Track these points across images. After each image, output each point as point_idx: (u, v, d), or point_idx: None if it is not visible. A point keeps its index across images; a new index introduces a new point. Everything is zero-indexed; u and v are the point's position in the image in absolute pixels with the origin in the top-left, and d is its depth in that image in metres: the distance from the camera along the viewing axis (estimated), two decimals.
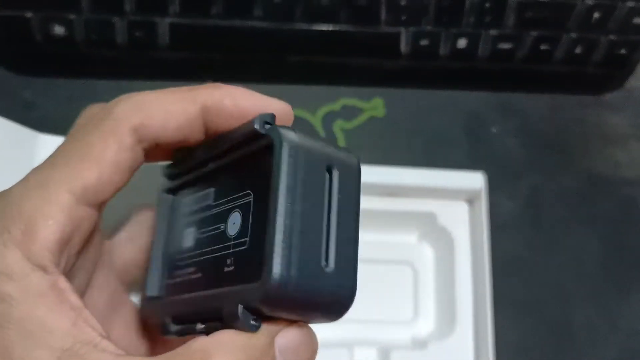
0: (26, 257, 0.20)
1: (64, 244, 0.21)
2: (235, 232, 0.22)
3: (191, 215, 0.25)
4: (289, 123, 0.24)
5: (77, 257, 0.23)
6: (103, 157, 0.22)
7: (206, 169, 0.24)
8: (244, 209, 0.22)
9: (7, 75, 0.44)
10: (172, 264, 0.25)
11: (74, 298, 0.21)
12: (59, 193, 0.21)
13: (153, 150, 0.24)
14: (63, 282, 0.21)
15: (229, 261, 0.22)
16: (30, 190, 0.21)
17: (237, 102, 0.23)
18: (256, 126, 0.21)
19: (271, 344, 0.21)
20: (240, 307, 0.20)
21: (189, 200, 0.26)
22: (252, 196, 0.22)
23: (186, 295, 0.24)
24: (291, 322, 0.22)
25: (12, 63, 0.44)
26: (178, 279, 0.25)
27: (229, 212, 0.23)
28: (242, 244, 0.22)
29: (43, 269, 0.21)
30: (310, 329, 0.23)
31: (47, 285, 0.21)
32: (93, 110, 0.25)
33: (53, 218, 0.21)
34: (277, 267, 0.19)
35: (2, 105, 0.44)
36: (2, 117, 0.39)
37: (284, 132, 0.20)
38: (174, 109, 0.23)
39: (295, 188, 0.20)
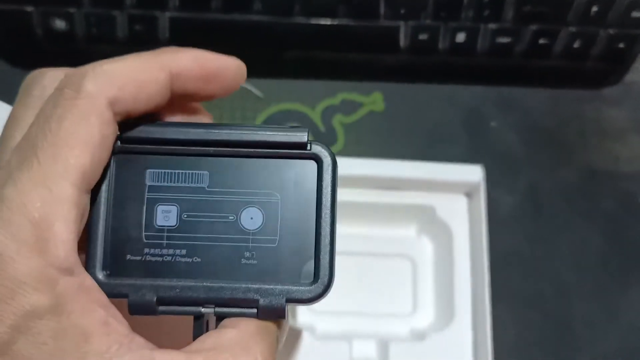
0: (49, 263, 0.19)
1: (79, 240, 0.21)
2: (255, 227, 0.24)
3: (166, 190, 0.24)
4: (242, 80, 0.25)
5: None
6: (90, 139, 0.21)
7: (203, 150, 0.24)
8: (266, 208, 0.24)
9: (7, 69, 0.44)
10: (132, 238, 0.24)
11: (100, 295, 0.21)
12: (64, 188, 0.20)
13: (125, 120, 0.23)
14: (89, 281, 0.21)
15: (247, 254, 0.24)
16: (31, 192, 0.20)
17: (203, 65, 0.23)
18: (305, 139, 0.24)
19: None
20: (284, 302, 0.23)
21: (160, 173, 0.24)
22: (279, 198, 0.24)
23: (181, 279, 0.24)
24: None
25: (12, 57, 0.44)
26: (153, 258, 0.24)
27: (242, 204, 0.24)
28: (269, 242, 0.24)
29: (69, 272, 0.20)
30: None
31: (75, 288, 0.20)
32: (44, 82, 0.23)
33: (66, 217, 0.20)
34: (329, 275, 0.23)
35: (2, 99, 0.44)
36: (4, 102, 0.39)
37: (328, 152, 0.24)
38: (144, 78, 0.22)
39: (335, 202, 0.24)
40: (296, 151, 0.24)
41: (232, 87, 0.25)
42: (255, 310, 0.23)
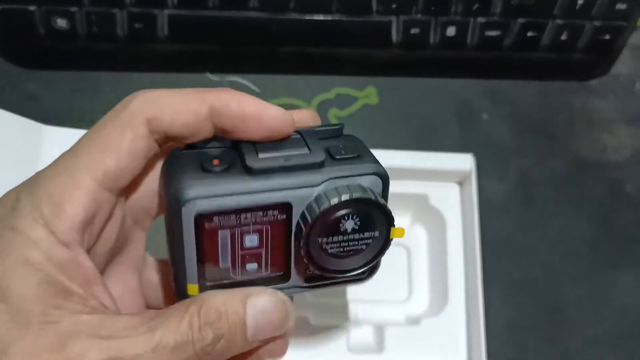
0: (53, 233, 0.23)
1: (87, 224, 0.24)
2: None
3: None
4: (287, 128, 0.26)
5: (97, 239, 0.25)
6: (120, 146, 0.24)
7: None
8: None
9: (10, 67, 0.45)
10: None
11: (91, 272, 0.24)
12: (84, 178, 0.24)
13: (164, 141, 0.26)
14: (83, 257, 0.24)
15: None
16: (59, 175, 0.24)
17: (242, 106, 0.25)
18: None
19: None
20: None
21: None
22: None
23: None
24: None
25: (15, 56, 0.45)
26: None
27: None
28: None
29: (66, 245, 0.23)
30: (280, 295, 0.26)
31: (68, 258, 0.23)
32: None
33: (78, 200, 0.23)
34: None
35: (6, 97, 0.45)
36: (7, 111, 0.40)
37: None
38: (184, 107, 0.25)
39: None
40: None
41: (275, 132, 0.26)
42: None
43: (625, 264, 0.45)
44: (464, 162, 0.42)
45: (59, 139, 0.40)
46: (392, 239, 0.27)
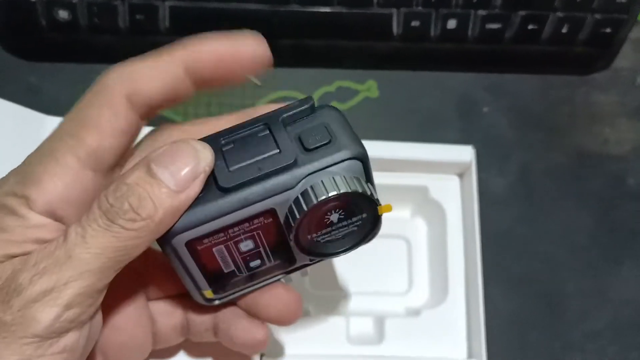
0: (29, 205, 0.24)
1: (69, 204, 0.24)
2: None
3: None
4: (263, 59, 0.27)
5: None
6: (100, 124, 0.24)
7: None
8: None
9: (12, 59, 0.45)
10: None
11: (59, 236, 0.24)
12: (66, 158, 0.24)
13: (149, 112, 0.26)
14: (55, 226, 0.24)
15: None
16: (43, 157, 0.24)
17: (215, 52, 0.26)
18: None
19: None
20: None
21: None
22: None
23: None
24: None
25: (17, 48, 0.45)
26: None
27: None
28: None
29: (41, 214, 0.24)
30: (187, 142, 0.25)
31: (41, 222, 0.24)
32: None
33: (58, 176, 0.24)
34: None
35: (8, 89, 0.45)
36: (9, 101, 0.40)
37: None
38: (159, 73, 0.25)
39: None
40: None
41: (254, 68, 0.26)
42: None
43: (627, 257, 0.45)
44: (464, 153, 0.42)
45: None
46: (381, 215, 0.27)
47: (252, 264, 0.27)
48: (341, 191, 0.24)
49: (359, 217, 0.26)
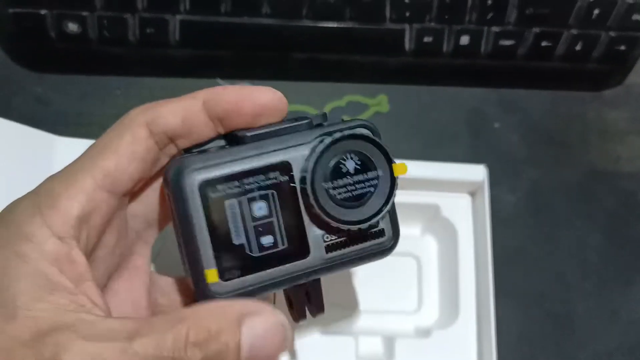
0: (48, 226, 0.24)
1: (83, 221, 0.25)
2: None
3: None
4: (284, 110, 0.28)
5: (97, 243, 0.26)
6: (119, 148, 0.26)
7: None
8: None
9: (21, 71, 0.45)
10: None
11: (83, 268, 0.24)
12: (82, 178, 0.25)
13: (167, 142, 0.27)
14: (76, 252, 0.24)
15: None
16: (62, 177, 0.25)
17: (232, 90, 0.27)
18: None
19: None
20: None
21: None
22: None
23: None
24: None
25: (26, 59, 0.45)
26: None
27: None
28: None
29: (60, 239, 0.24)
30: (279, 316, 0.24)
31: (60, 251, 0.24)
32: None
33: (75, 198, 0.24)
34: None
35: (16, 101, 0.45)
36: (19, 124, 0.40)
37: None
38: (178, 105, 0.27)
39: None
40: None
41: (268, 109, 0.27)
42: None
43: (638, 276, 0.44)
44: (477, 173, 0.42)
45: (71, 150, 0.40)
46: (397, 177, 0.27)
47: (264, 240, 0.27)
48: (356, 132, 0.27)
49: (375, 173, 0.27)
